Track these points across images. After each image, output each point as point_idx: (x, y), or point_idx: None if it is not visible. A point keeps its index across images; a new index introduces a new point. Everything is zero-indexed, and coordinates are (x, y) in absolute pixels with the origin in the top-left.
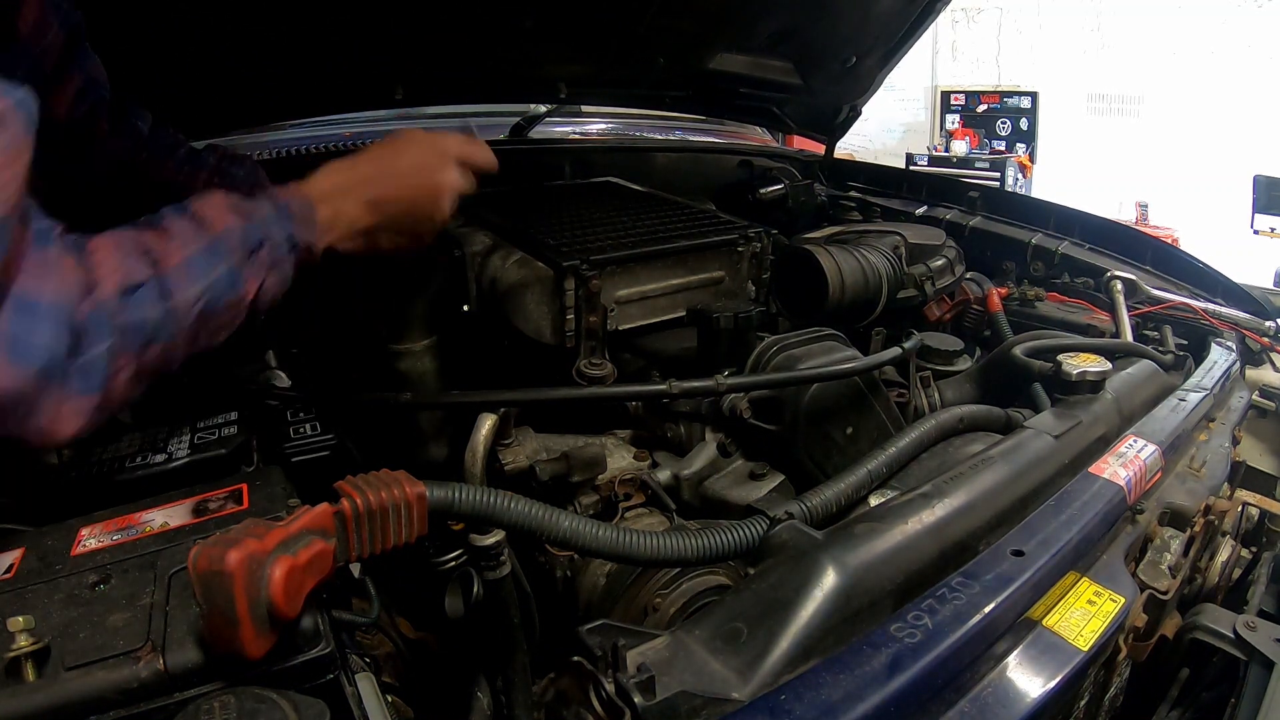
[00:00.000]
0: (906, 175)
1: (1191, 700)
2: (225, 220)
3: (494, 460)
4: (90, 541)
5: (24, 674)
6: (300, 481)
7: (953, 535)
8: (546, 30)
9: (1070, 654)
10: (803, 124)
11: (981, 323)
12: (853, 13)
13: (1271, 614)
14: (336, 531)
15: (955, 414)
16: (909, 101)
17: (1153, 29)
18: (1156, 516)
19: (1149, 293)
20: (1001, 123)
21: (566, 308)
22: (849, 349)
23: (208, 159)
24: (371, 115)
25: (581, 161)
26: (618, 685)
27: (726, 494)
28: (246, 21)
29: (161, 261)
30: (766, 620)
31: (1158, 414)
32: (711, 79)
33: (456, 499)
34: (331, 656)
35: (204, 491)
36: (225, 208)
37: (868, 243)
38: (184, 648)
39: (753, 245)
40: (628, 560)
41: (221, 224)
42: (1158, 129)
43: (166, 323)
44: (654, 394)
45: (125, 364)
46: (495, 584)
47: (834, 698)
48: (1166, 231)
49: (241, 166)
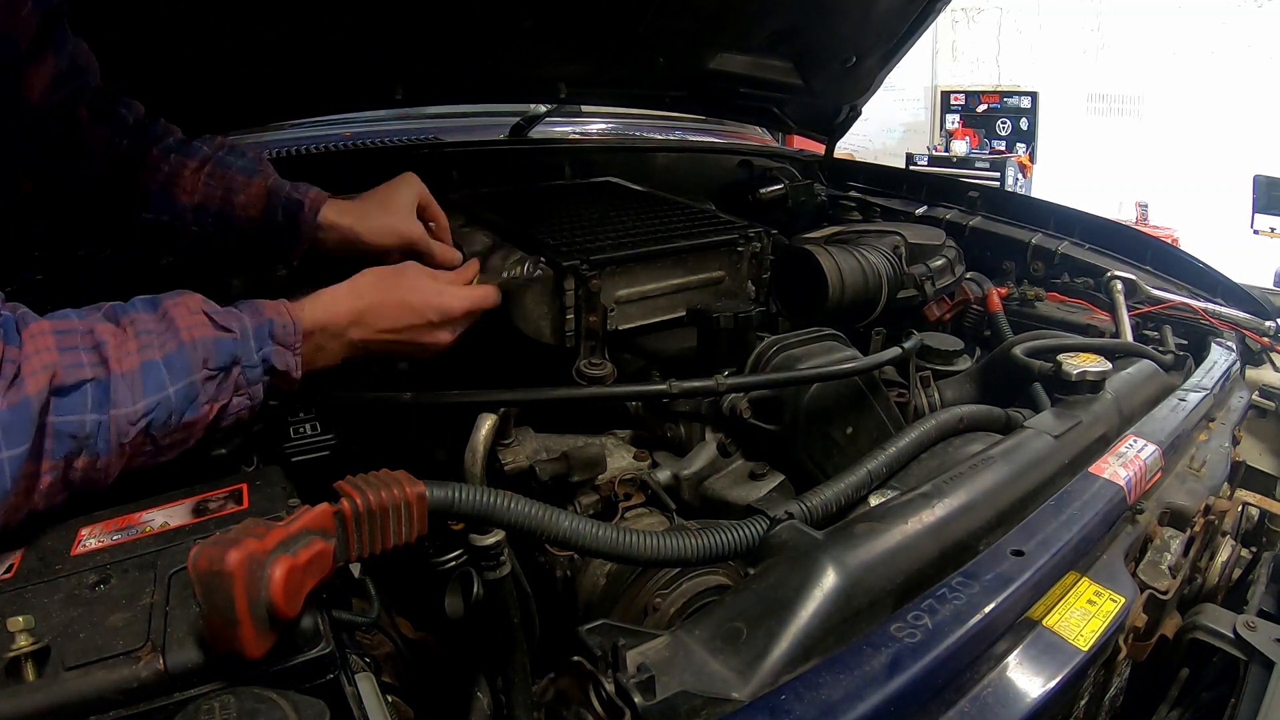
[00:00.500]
0: (906, 175)
1: (1191, 700)
2: (197, 330)
3: (494, 460)
4: (90, 541)
5: (24, 674)
6: (300, 481)
7: (953, 535)
8: (546, 30)
9: (1070, 654)
10: (803, 124)
11: (981, 323)
12: (853, 13)
13: (1271, 614)
14: (336, 531)
15: (955, 414)
16: (909, 101)
17: (1153, 29)
18: (1156, 516)
19: (1149, 293)
20: (1001, 123)
21: (566, 308)
22: (849, 349)
23: (199, 149)
24: (371, 115)
25: (581, 161)
26: (618, 685)
27: (726, 494)
28: (246, 21)
29: (110, 362)
30: (766, 620)
31: (1158, 414)
32: (711, 79)
33: (456, 499)
34: (331, 656)
35: (204, 491)
36: (200, 313)
37: (868, 243)
38: (184, 648)
39: (753, 245)
40: (628, 560)
41: (191, 333)
42: (1158, 129)
43: (100, 435)
44: (654, 394)
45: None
46: (495, 584)
47: (834, 698)
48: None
49: (242, 157)
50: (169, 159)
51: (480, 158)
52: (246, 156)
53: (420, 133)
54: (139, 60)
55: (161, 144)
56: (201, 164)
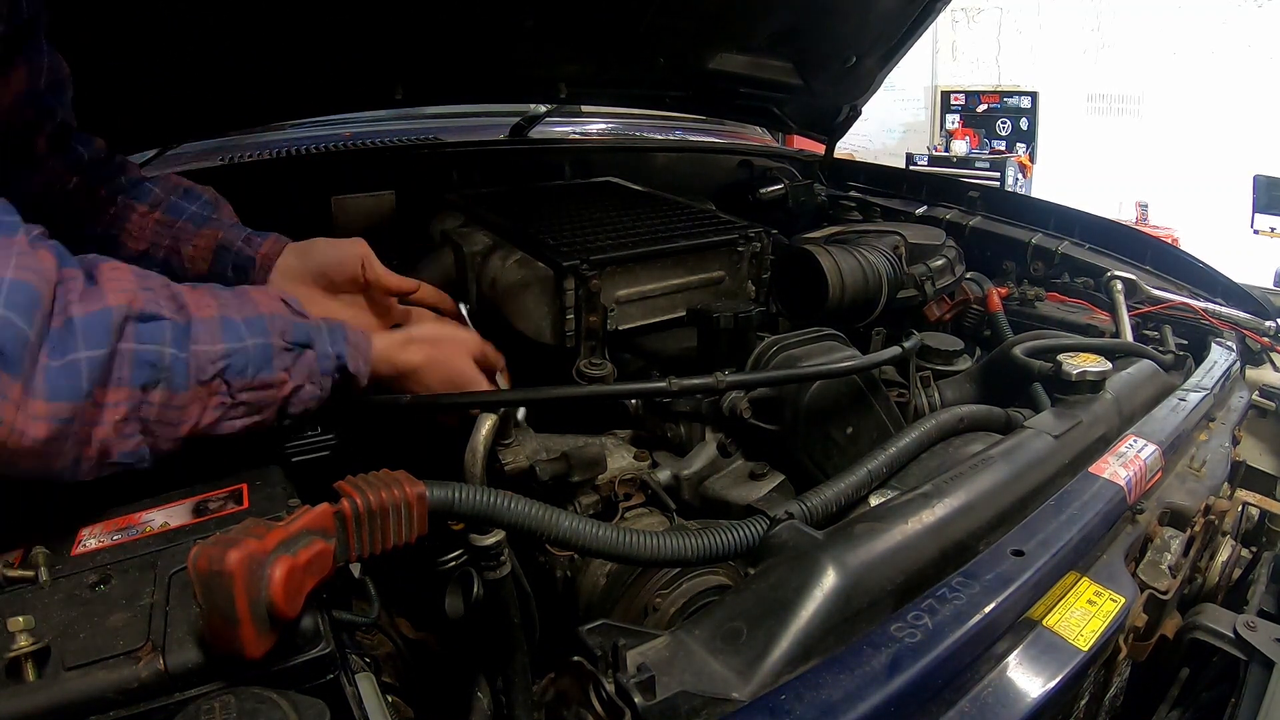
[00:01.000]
0: (906, 175)
1: (1191, 700)
2: (276, 308)
3: (494, 460)
4: (90, 541)
5: (24, 674)
6: (300, 481)
7: (953, 535)
8: (546, 30)
9: (1070, 654)
10: (803, 124)
11: (981, 323)
12: (853, 13)
13: (1271, 614)
14: (336, 531)
15: (955, 414)
16: (909, 101)
17: (1153, 29)
18: (1156, 516)
19: (1149, 293)
20: (1001, 123)
21: (566, 308)
22: (849, 349)
23: (150, 190)
24: (371, 115)
25: (581, 161)
26: (618, 685)
27: (726, 494)
28: (246, 21)
29: (190, 309)
30: (766, 620)
31: (1158, 414)
32: (711, 79)
33: (456, 499)
34: (331, 656)
35: (204, 491)
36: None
37: (868, 243)
38: (184, 648)
39: (753, 245)
40: (628, 560)
41: (271, 308)
42: (1158, 129)
43: (178, 369)
44: (654, 391)
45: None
46: (495, 584)
47: (834, 698)
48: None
49: (195, 201)
50: (116, 201)
51: (480, 158)
52: (200, 200)
53: (420, 133)
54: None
55: (112, 184)
56: (152, 208)
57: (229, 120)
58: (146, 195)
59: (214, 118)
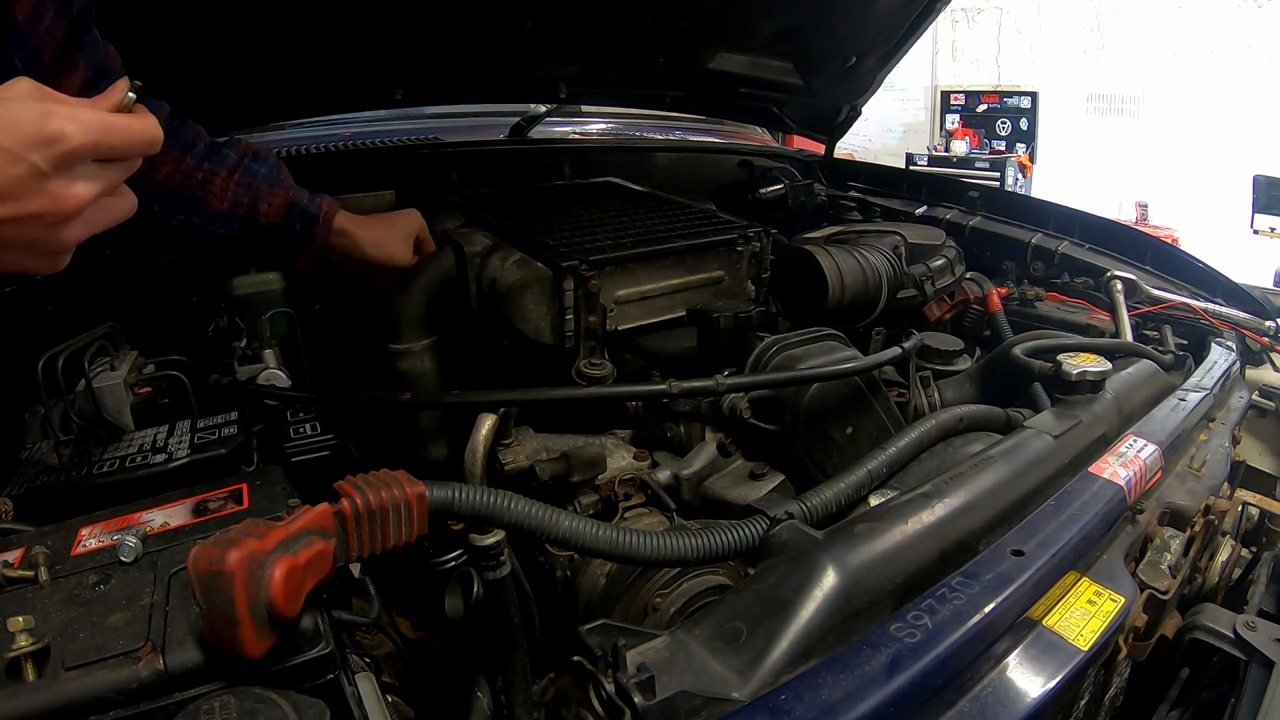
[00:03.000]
0: (906, 175)
1: (1191, 700)
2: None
3: (494, 460)
4: (90, 541)
5: (24, 674)
6: (300, 481)
7: (953, 535)
8: (546, 30)
9: (1070, 654)
10: (803, 124)
11: (981, 323)
12: (853, 13)
13: (1271, 614)
14: (336, 531)
15: (955, 414)
16: (909, 101)
17: (1153, 29)
18: (1156, 516)
19: (1149, 293)
20: (1001, 123)
21: (566, 308)
22: (849, 349)
23: (228, 156)
24: (372, 115)
25: (581, 161)
26: (618, 685)
27: (726, 494)
28: (247, 21)
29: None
30: (766, 620)
31: (1158, 414)
32: (711, 79)
33: (456, 499)
34: (331, 656)
35: (204, 491)
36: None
37: (868, 243)
38: (184, 648)
39: (752, 245)
40: (628, 560)
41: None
42: (1157, 129)
43: None
44: (654, 394)
45: None
46: (495, 584)
47: (834, 698)
48: (1166, 231)
49: (264, 164)
50: (202, 166)
51: (480, 158)
52: (268, 164)
53: (420, 133)
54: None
55: (193, 150)
56: (231, 172)
57: (229, 120)
58: (225, 160)
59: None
